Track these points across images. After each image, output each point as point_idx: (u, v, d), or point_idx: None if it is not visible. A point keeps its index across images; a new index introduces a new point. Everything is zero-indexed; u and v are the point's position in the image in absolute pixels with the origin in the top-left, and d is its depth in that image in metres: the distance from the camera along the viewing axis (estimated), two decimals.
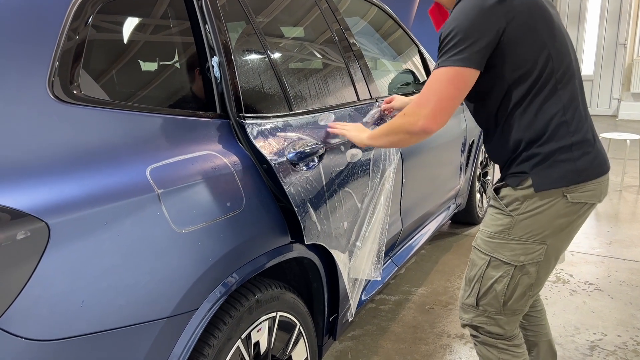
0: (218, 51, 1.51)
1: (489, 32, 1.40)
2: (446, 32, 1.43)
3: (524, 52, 1.44)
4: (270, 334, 1.56)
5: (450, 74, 1.41)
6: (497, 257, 1.54)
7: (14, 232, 0.95)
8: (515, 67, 1.45)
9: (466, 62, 1.40)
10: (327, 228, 1.70)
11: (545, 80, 1.45)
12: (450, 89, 1.43)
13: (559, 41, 1.48)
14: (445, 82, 1.42)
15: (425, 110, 1.45)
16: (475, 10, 1.40)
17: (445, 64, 1.41)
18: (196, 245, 1.26)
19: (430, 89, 1.45)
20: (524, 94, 1.46)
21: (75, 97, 1.17)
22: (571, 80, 1.49)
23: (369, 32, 2.91)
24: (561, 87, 1.46)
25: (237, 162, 1.44)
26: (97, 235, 1.08)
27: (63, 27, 1.19)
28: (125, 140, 1.23)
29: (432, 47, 3.98)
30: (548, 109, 1.46)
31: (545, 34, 1.45)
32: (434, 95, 1.44)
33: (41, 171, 1.04)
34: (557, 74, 1.46)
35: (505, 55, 1.44)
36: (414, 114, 1.47)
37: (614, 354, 2.37)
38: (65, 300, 1.03)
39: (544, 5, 1.47)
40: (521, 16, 1.41)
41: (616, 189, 4.96)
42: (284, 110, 1.73)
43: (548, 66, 1.45)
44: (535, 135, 1.46)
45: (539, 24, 1.44)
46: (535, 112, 1.46)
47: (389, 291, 3.02)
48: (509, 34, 1.41)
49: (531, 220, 1.49)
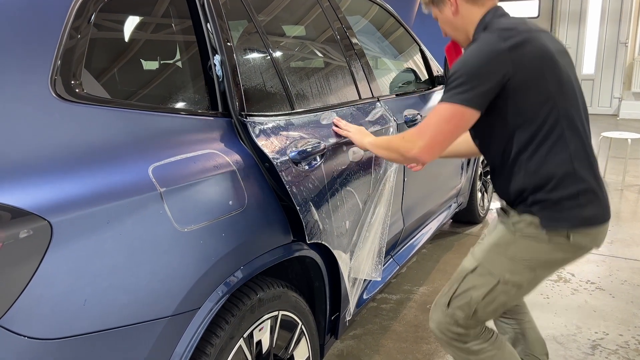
0: (220, 50, 1.51)
1: (495, 76, 1.43)
2: (454, 70, 1.47)
3: (529, 100, 1.46)
4: (272, 333, 1.56)
5: (450, 111, 1.46)
6: (485, 266, 1.57)
7: (16, 231, 0.95)
8: (519, 113, 1.48)
9: (468, 102, 1.44)
10: (329, 227, 1.70)
11: (550, 128, 1.47)
12: (448, 126, 1.48)
13: (567, 91, 1.50)
14: (445, 118, 1.47)
15: (421, 142, 1.51)
16: (485, 54, 1.44)
17: (448, 101, 1.46)
18: (198, 244, 1.26)
19: (430, 121, 1.51)
20: (528, 140, 1.49)
21: (77, 95, 1.16)
22: (579, 129, 1.51)
23: (370, 30, 2.91)
24: (568, 136, 1.48)
25: (239, 160, 1.44)
26: (100, 234, 1.07)
27: (65, 25, 1.18)
28: (128, 139, 1.23)
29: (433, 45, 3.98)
30: (555, 157, 1.48)
31: (553, 85, 1.47)
32: (432, 129, 1.50)
33: (43, 170, 1.04)
34: (563, 122, 1.48)
35: (509, 100, 1.47)
36: (411, 142, 1.54)
37: (616, 353, 2.36)
38: (67, 299, 1.03)
39: (554, 56, 1.49)
40: (530, 65, 1.44)
41: (617, 188, 4.96)
42: (286, 108, 1.73)
43: (552, 115, 1.47)
44: (542, 182, 1.49)
45: (547, 74, 1.46)
46: (541, 160, 1.49)
47: (390, 290, 3.01)
48: (516, 81, 1.44)
49: (531, 244, 1.52)
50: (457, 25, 1.63)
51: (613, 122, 8.71)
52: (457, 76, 1.45)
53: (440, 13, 1.66)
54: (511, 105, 1.47)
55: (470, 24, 1.60)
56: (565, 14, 9.40)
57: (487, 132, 1.58)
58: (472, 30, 1.60)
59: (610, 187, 5.04)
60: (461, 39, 1.67)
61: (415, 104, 2.64)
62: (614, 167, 5.50)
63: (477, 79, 1.43)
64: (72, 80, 1.17)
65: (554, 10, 9.46)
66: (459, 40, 1.69)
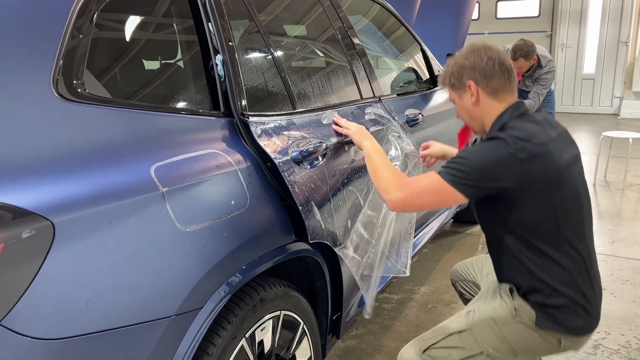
0: (222, 49, 1.51)
1: (498, 182, 1.44)
2: (464, 154, 1.48)
3: (530, 212, 1.47)
4: (274, 332, 1.56)
5: (442, 187, 1.47)
6: (473, 334, 1.57)
7: (19, 231, 0.95)
8: (519, 219, 1.48)
9: (461, 189, 1.45)
10: (331, 226, 1.70)
11: (550, 239, 1.48)
12: (433, 197, 1.51)
13: (572, 206, 1.49)
14: (434, 190, 1.49)
15: (400, 195, 1.53)
16: (495, 159, 1.43)
17: (445, 177, 1.47)
18: (200, 243, 1.26)
19: (419, 183, 1.53)
20: (527, 244, 1.50)
21: (79, 95, 1.16)
22: (580, 240, 1.51)
23: (371, 30, 2.91)
24: (568, 245, 1.49)
25: (241, 160, 1.44)
26: (102, 234, 1.07)
27: (67, 25, 1.18)
28: (130, 139, 1.22)
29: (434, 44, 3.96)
30: (553, 265, 1.49)
31: (558, 201, 1.46)
32: (419, 191, 1.52)
33: (46, 169, 1.04)
34: (564, 235, 1.48)
35: (506, 203, 1.47)
36: (397, 188, 1.55)
37: (618, 353, 2.36)
38: (70, 299, 1.02)
39: (565, 172, 1.47)
40: (536, 183, 1.43)
41: (619, 188, 4.96)
42: (288, 108, 1.72)
43: (552, 228, 1.47)
44: (540, 286, 1.50)
45: (553, 191, 1.45)
46: (539, 266, 1.50)
47: (391, 290, 3.01)
48: (517, 191, 1.44)
49: (524, 331, 1.53)
50: (474, 115, 1.62)
51: (614, 121, 8.71)
52: (464, 163, 1.45)
53: (459, 99, 1.63)
54: (513, 210, 1.48)
55: (489, 117, 1.58)
56: (566, 13, 9.39)
57: (490, 219, 1.59)
58: (488, 124, 1.59)
59: (611, 186, 5.04)
60: (476, 127, 1.65)
61: (416, 103, 2.64)
62: (615, 167, 5.50)
63: (479, 175, 1.43)
64: (74, 80, 1.17)
65: (555, 9, 9.46)
66: (473, 127, 1.68)
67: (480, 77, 1.56)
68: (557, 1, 9.38)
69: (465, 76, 1.58)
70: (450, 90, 1.65)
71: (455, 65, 1.61)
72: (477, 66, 1.56)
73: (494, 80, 1.56)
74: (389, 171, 1.62)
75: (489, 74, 1.55)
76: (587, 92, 9.49)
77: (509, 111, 1.55)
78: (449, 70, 1.63)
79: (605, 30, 9.15)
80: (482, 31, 9.88)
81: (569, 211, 1.48)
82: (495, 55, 1.56)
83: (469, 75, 1.57)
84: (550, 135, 1.48)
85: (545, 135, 1.47)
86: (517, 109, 1.55)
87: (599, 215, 4.19)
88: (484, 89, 1.56)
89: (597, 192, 4.83)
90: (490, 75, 1.55)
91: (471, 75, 1.57)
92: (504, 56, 1.58)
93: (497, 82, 1.56)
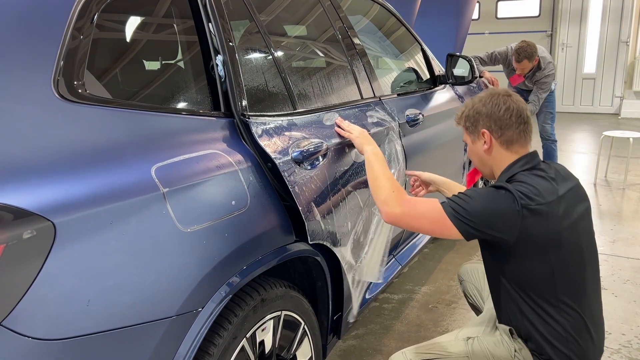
0: (222, 50, 1.51)
1: (495, 231, 1.43)
2: (470, 193, 1.47)
3: (523, 263, 1.47)
4: (275, 333, 1.56)
5: (441, 217, 1.46)
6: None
7: (20, 232, 0.95)
8: (513, 268, 1.48)
9: (459, 224, 1.44)
10: (331, 227, 1.70)
11: (544, 293, 1.48)
12: (431, 225, 1.50)
13: (572, 266, 1.48)
14: (433, 218, 1.48)
15: (398, 210, 1.52)
16: (497, 206, 1.42)
17: (447, 209, 1.46)
18: (201, 244, 1.26)
19: (422, 207, 1.51)
20: (520, 293, 1.50)
21: (80, 96, 1.17)
22: (579, 299, 1.49)
23: (371, 30, 2.91)
24: (564, 304, 1.48)
25: (242, 160, 1.44)
26: (103, 234, 1.07)
27: (68, 26, 1.18)
28: (130, 139, 1.23)
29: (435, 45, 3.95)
30: (548, 319, 1.48)
31: (555, 259, 1.45)
32: (418, 214, 1.51)
33: (47, 170, 1.04)
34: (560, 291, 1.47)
35: (504, 253, 1.47)
36: (398, 203, 1.53)
37: (619, 352, 2.36)
38: (71, 300, 1.03)
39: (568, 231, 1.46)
40: (533, 239, 1.43)
41: (619, 187, 4.96)
42: (288, 108, 1.72)
43: (547, 283, 1.47)
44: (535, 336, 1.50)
45: (550, 250, 1.45)
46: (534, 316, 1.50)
47: (392, 290, 3.01)
48: (514, 245, 1.44)
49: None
50: (485, 162, 1.61)
51: (615, 121, 8.70)
52: (468, 202, 1.45)
53: (472, 144, 1.62)
54: (510, 261, 1.48)
55: (499, 166, 1.58)
56: (566, 12, 9.39)
57: (489, 263, 1.59)
58: (498, 172, 1.58)
59: (612, 186, 5.04)
60: (485, 172, 1.65)
61: (417, 103, 2.64)
62: (616, 166, 5.50)
63: (479, 220, 1.43)
64: (75, 80, 1.17)
65: (555, 9, 9.46)
66: (482, 171, 1.67)
67: (496, 127, 1.54)
68: (558, 1, 9.38)
69: (480, 123, 1.56)
70: (465, 132, 1.64)
71: (472, 109, 1.59)
72: (494, 115, 1.54)
73: (509, 131, 1.54)
74: (389, 182, 1.61)
75: (505, 125, 1.54)
76: (588, 91, 9.48)
77: (519, 163, 1.54)
78: (465, 113, 1.61)
79: (606, 30, 9.14)
80: (483, 31, 9.88)
81: (568, 272, 1.47)
82: (514, 106, 1.54)
83: (484, 123, 1.56)
84: (558, 193, 1.47)
85: (553, 193, 1.46)
86: (528, 162, 1.54)
87: (600, 215, 4.19)
88: (498, 139, 1.55)
89: (597, 192, 4.83)
90: (506, 127, 1.54)
91: (486, 124, 1.55)
92: (522, 107, 1.56)
93: (511, 134, 1.54)
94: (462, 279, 2.03)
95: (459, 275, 2.06)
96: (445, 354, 1.60)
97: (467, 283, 2.01)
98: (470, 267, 2.02)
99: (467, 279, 2.00)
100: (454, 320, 2.66)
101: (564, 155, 6.08)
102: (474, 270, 1.99)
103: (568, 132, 7.73)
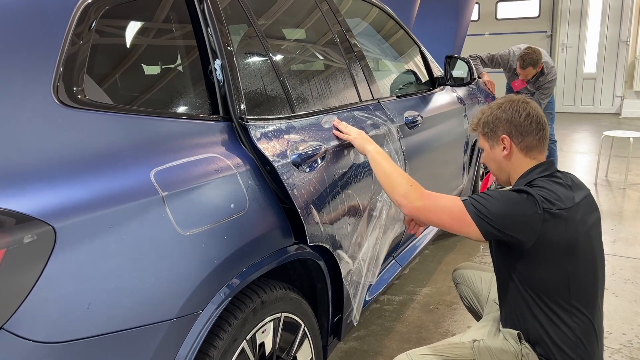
0: (220, 54, 1.52)
1: (516, 232, 1.44)
2: (492, 194, 1.47)
3: (540, 268, 1.48)
4: (275, 334, 1.56)
5: (462, 214, 1.47)
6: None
7: (20, 236, 0.96)
8: (529, 272, 1.50)
9: (480, 222, 1.45)
10: (330, 229, 1.71)
11: (558, 298, 1.49)
12: (451, 221, 1.50)
13: (586, 272, 1.50)
14: (453, 214, 1.49)
15: (424, 204, 1.52)
16: (519, 209, 1.43)
17: (468, 206, 1.46)
18: (200, 247, 1.27)
19: (444, 201, 1.52)
20: (534, 297, 1.51)
21: (79, 101, 1.18)
22: (591, 305, 1.52)
23: (370, 33, 2.92)
24: (577, 310, 1.49)
25: (240, 164, 1.45)
26: (103, 238, 1.09)
27: (67, 32, 1.20)
28: (130, 144, 1.24)
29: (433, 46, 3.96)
30: (561, 324, 1.50)
31: (571, 265, 1.47)
32: (439, 208, 1.51)
33: (47, 175, 1.05)
34: (574, 297, 1.49)
35: (521, 256, 1.48)
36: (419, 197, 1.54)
37: (619, 352, 2.36)
38: (72, 303, 1.04)
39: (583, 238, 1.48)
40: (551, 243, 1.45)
41: (620, 187, 4.96)
42: (287, 112, 1.74)
43: (562, 289, 1.48)
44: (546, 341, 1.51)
45: (567, 255, 1.46)
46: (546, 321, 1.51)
47: (393, 291, 3.02)
48: (532, 248, 1.45)
49: None
50: (503, 167, 1.62)
51: (615, 120, 8.70)
52: (490, 201, 1.46)
53: (490, 150, 1.62)
54: (527, 265, 1.49)
55: (517, 171, 1.59)
56: (566, 13, 9.40)
57: (503, 267, 1.60)
58: (515, 177, 1.59)
59: (612, 186, 5.04)
60: (502, 178, 1.65)
61: (415, 105, 2.65)
62: (616, 166, 5.50)
63: (500, 220, 1.44)
64: (75, 86, 1.18)
65: (555, 9, 9.47)
66: (498, 177, 1.67)
67: (516, 132, 1.55)
68: (557, 1, 9.39)
69: (500, 128, 1.57)
70: (482, 138, 1.63)
71: (490, 115, 1.59)
72: (515, 121, 1.55)
73: (529, 137, 1.55)
74: (404, 177, 1.62)
75: (526, 131, 1.55)
76: (588, 91, 9.49)
77: (537, 169, 1.56)
78: (483, 119, 1.61)
79: (606, 30, 9.15)
80: (483, 32, 9.89)
81: (582, 278, 1.49)
82: (533, 112, 1.56)
83: (505, 128, 1.56)
84: (575, 200, 1.49)
85: (571, 200, 1.48)
86: (547, 169, 1.55)
87: (601, 215, 4.18)
88: (518, 144, 1.56)
89: (598, 192, 4.83)
90: (527, 133, 1.55)
91: (507, 129, 1.56)
92: (541, 113, 1.58)
93: (531, 140, 1.56)
94: (457, 281, 2.03)
95: (454, 278, 2.07)
96: (452, 356, 1.60)
97: (462, 286, 2.02)
98: (464, 272, 2.03)
99: (463, 282, 2.00)
100: (454, 321, 2.67)
101: (565, 156, 6.08)
102: (470, 275, 2.00)
103: (569, 132, 7.74)
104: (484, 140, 1.64)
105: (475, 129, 1.66)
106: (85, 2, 1.25)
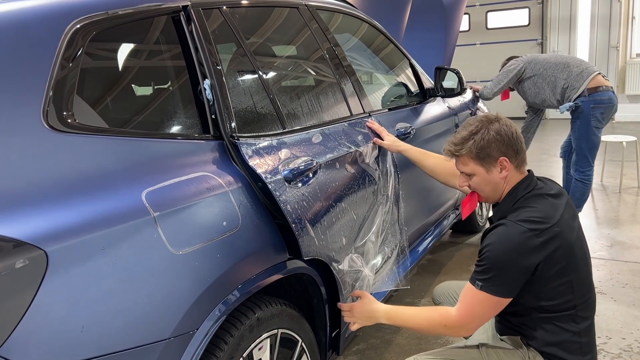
0: (209, 74, 1.54)
1: (525, 270, 1.47)
2: (486, 257, 1.49)
3: (549, 287, 1.51)
4: (272, 351, 1.56)
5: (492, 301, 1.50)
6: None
7: (12, 261, 0.97)
8: (537, 298, 1.52)
9: (508, 294, 1.49)
10: (325, 243, 1.71)
11: (564, 307, 1.53)
12: (492, 311, 1.54)
13: (584, 273, 1.56)
14: (488, 306, 1.51)
15: (462, 324, 1.54)
16: (517, 250, 1.46)
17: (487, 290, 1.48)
18: (194, 266, 1.27)
19: (474, 306, 1.53)
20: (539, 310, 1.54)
21: (69, 125, 1.19)
22: (591, 305, 1.58)
23: (360, 47, 2.95)
24: (580, 317, 1.54)
25: (232, 181, 1.46)
26: (95, 261, 1.09)
27: (56, 56, 1.21)
28: (121, 166, 1.25)
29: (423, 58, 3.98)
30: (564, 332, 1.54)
31: (572, 272, 1.52)
32: (477, 315, 1.53)
33: (38, 200, 1.06)
34: (578, 306, 1.53)
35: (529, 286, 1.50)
36: (454, 324, 1.55)
37: (619, 357, 2.36)
38: (65, 327, 1.04)
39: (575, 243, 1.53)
40: (557, 260, 1.48)
41: (615, 191, 4.97)
42: (277, 128, 1.75)
43: (569, 301, 1.52)
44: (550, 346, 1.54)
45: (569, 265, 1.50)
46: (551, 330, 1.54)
47: (391, 304, 3.00)
48: (542, 272, 1.48)
49: None
50: (499, 188, 1.60)
51: (609, 125, 8.74)
52: (488, 266, 1.48)
53: (487, 174, 1.57)
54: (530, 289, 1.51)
55: (510, 186, 1.60)
56: (555, 20, 9.50)
57: None
58: (506, 192, 1.60)
59: (607, 190, 5.05)
60: (495, 198, 1.64)
61: (407, 117, 2.67)
62: (611, 171, 5.52)
63: (516, 276, 1.47)
64: (64, 110, 1.20)
65: (544, 17, 9.56)
66: (489, 197, 1.64)
67: (512, 152, 1.56)
68: (547, 9, 9.49)
69: (496, 151, 1.54)
70: (473, 163, 1.57)
71: (482, 140, 1.54)
72: (510, 142, 1.55)
73: (522, 154, 1.58)
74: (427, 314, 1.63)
75: (519, 149, 1.57)
76: None
77: (523, 184, 1.58)
78: (475, 145, 1.54)
79: (595, 36, 9.24)
80: (474, 42, 9.97)
81: (582, 281, 1.54)
82: (515, 127, 1.57)
83: (502, 151, 1.54)
84: (560, 210, 1.52)
85: (556, 211, 1.51)
86: (529, 184, 1.58)
87: (597, 220, 4.19)
88: (514, 163, 1.57)
89: (594, 197, 4.84)
90: (520, 150, 1.57)
91: (504, 151, 1.55)
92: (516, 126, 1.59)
93: (523, 155, 1.58)
94: (439, 301, 1.99)
95: (434, 299, 2.04)
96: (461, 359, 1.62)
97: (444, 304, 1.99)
98: (443, 289, 2.00)
99: (445, 301, 1.97)
100: None
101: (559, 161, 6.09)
102: (449, 291, 1.97)
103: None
104: (477, 166, 1.57)
105: (468, 155, 1.56)
106: (75, 27, 1.27)
